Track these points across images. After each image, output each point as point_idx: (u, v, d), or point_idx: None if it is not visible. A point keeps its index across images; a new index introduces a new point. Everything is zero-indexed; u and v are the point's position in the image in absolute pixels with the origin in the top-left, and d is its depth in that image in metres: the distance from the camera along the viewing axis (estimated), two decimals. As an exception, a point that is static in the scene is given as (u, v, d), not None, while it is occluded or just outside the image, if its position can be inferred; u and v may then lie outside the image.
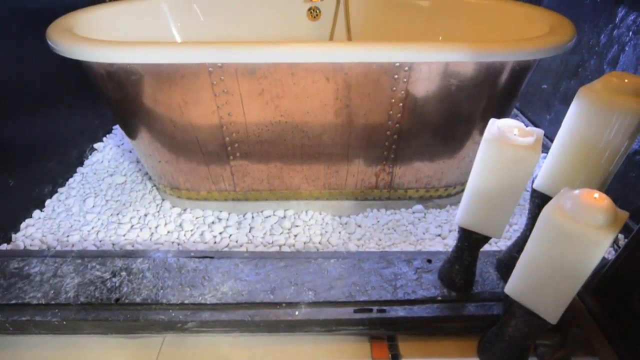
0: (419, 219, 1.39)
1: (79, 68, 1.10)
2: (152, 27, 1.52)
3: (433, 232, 1.33)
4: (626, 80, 0.68)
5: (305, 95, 1.10)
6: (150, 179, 1.57)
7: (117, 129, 1.90)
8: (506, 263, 0.99)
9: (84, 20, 1.25)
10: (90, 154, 1.73)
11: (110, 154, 1.73)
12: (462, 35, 1.52)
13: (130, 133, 1.26)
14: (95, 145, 1.77)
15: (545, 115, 1.78)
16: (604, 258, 1.04)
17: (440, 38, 1.60)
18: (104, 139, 1.82)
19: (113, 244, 1.28)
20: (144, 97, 1.11)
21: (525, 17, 1.33)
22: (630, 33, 1.33)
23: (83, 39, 1.07)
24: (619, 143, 0.71)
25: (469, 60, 1.02)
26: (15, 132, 1.33)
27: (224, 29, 1.63)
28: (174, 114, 1.14)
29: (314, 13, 1.60)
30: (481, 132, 1.21)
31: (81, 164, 1.67)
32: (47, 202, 1.46)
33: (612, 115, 0.68)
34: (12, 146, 1.32)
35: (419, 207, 1.42)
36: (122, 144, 1.79)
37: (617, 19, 1.39)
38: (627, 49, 1.35)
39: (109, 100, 1.17)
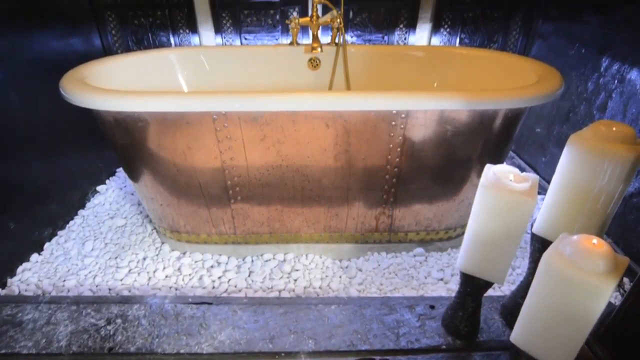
0: (420, 263, 1.37)
1: (86, 113, 1.14)
2: (161, 76, 1.59)
3: (435, 276, 1.31)
4: (614, 129, 0.71)
5: (305, 141, 1.13)
6: (150, 221, 1.57)
7: (120, 172, 1.93)
8: (511, 309, 0.97)
9: (97, 70, 1.31)
10: (93, 196, 1.74)
11: (112, 196, 1.74)
12: (455, 82, 1.59)
13: (134, 176, 1.29)
14: (98, 188, 1.79)
15: (541, 158, 1.82)
16: (610, 303, 1.01)
17: (435, 85, 1.67)
18: (107, 181, 1.85)
19: (110, 289, 1.26)
20: (149, 143, 1.15)
21: (514, 67, 1.40)
22: (616, 81, 1.40)
23: (95, 89, 1.12)
24: (613, 188, 0.73)
25: (463, 109, 1.06)
26: (20, 174, 1.35)
27: (229, 77, 1.71)
28: (177, 159, 1.16)
29: (314, 63, 1.69)
30: (479, 175, 1.23)
31: (83, 206, 1.68)
32: (46, 245, 1.45)
33: (603, 162, 0.70)
34: (16, 189, 1.33)
35: (419, 250, 1.41)
36: (125, 186, 1.81)
37: (602, 68, 1.47)
38: (614, 95, 1.40)
39: (115, 144, 1.21)
